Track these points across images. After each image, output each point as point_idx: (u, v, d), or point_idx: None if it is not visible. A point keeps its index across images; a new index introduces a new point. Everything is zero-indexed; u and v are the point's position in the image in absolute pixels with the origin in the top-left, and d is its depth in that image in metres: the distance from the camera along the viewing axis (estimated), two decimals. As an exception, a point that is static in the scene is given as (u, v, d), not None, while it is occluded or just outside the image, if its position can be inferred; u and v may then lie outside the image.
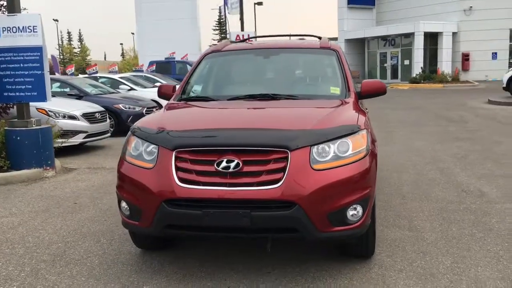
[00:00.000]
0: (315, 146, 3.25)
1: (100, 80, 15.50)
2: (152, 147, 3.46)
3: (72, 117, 9.22)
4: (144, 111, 12.25)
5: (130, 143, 3.66)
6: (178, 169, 3.27)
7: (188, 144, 3.32)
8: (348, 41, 37.60)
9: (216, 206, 3.18)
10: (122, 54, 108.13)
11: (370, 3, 39.12)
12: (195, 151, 3.29)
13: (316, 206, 3.14)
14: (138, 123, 3.87)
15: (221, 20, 32.58)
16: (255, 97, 4.27)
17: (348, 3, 37.75)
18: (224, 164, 3.17)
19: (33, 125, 7.32)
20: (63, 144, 8.50)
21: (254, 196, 3.13)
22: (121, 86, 15.16)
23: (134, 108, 12.14)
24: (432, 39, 34.41)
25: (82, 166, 8.02)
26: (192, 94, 4.59)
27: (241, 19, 27.28)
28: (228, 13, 28.66)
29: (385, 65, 36.03)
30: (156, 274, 3.67)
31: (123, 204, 3.56)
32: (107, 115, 10.37)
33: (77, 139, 9.15)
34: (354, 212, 3.27)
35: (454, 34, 34.20)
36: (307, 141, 3.24)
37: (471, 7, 33.60)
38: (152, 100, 13.46)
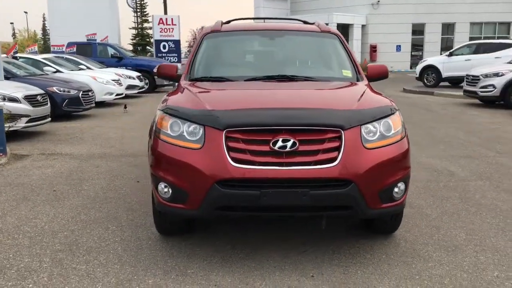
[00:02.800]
0: (364, 126, 3.34)
1: (20, 61, 14.30)
2: (193, 127, 3.34)
3: (13, 100, 8.44)
4: (80, 95, 11.57)
5: (163, 122, 3.49)
6: (229, 149, 3.20)
7: (241, 123, 3.24)
8: (264, 29, 37.98)
9: (274, 185, 3.16)
10: (14, 35, 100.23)
11: (285, -8, 39.87)
12: (248, 130, 3.22)
13: (370, 184, 3.24)
14: (168, 103, 3.68)
15: (142, 2, 31.31)
16: (274, 78, 4.26)
17: (264, -9, 38.17)
18: (280, 143, 3.16)
19: (-18, 107, 6.66)
20: (11, 129, 7.79)
21: (312, 175, 3.16)
22: (45, 68, 14.12)
23: (69, 92, 11.38)
24: (343, 30, 35.91)
25: (34, 153, 7.43)
26: (202, 75, 4.43)
27: (164, 1, 26.47)
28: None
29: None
30: (193, 258, 3.57)
31: (162, 186, 3.39)
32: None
33: (19, 124, 8.42)
34: (398, 190, 3.43)
35: (363, 26, 36.02)
36: (358, 121, 3.32)
37: (378, 1, 35.54)
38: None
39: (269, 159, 3.17)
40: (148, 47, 30.00)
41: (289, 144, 3.15)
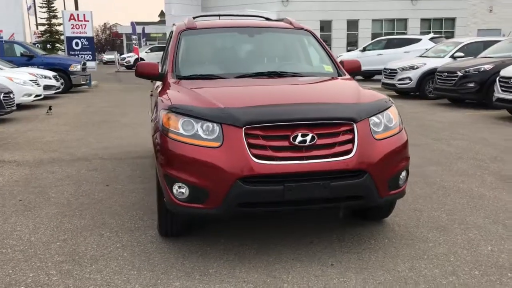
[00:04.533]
0: (371, 118, 3.52)
1: None
2: (207, 125, 3.32)
3: None
4: (1, 97, 10.73)
5: (171, 122, 3.42)
6: (250, 146, 3.22)
7: (261, 120, 3.27)
8: (176, 25, 37.49)
9: (296, 179, 3.23)
10: None
11: (194, -13, 39.56)
12: (268, 127, 3.27)
13: (381, 173, 3.42)
14: (172, 102, 3.59)
15: (49, -4, 29.23)
16: (263, 74, 4.32)
17: (173, -13, 37.57)
18: (299, 138, 3.24)
19: None
20: None
21: (332, 167, 3.27)
22: (-47, 68, 12.91)
23: (-11, 94, 10.52)
24: (255, 26, 36.45)
25: (-29, 161, 6.82)
26: (189, 73, 4.36)
27: (75, -3, 25.09)
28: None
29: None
30: (208, 258, 3.54)
31: (178, 186, 3.33)
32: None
33: None
34: (402, 177, 3.66)
35: (274, 23, 36.78)
36: (366, 113, 3.50)
37: (287, -2, 36.55)
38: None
39: (290, 153, 3.24)
40: (57, 45, 28.35)
41: (308, 138, 3.25)
